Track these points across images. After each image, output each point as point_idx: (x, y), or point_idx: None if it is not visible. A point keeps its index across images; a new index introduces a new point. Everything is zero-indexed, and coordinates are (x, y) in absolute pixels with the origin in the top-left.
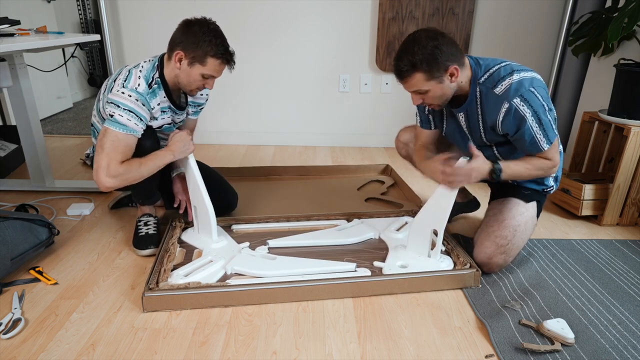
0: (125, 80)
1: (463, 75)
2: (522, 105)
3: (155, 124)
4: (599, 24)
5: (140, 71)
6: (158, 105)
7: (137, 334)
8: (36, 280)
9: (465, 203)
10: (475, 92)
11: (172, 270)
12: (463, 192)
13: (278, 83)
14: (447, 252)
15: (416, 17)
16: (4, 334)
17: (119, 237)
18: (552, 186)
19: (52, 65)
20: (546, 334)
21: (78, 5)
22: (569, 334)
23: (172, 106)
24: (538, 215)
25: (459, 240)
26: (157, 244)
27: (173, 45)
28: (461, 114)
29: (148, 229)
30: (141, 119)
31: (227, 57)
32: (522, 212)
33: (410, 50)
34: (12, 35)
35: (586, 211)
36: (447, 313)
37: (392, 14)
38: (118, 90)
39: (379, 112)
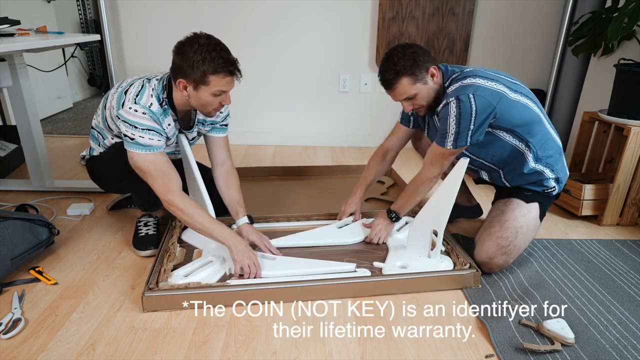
0: (137, 96)
1: (440, 78)
2: (454, 103)
3: (169, 142)
4: (599, 24)
5: (153, 89)
6: (169, 126)
7: (137, 334)
8: (36, 280)
9: (468, 207)
10: (443, 98)
11: (172, 270)
12: (467, 195)
13: (278, 83)
14: (447, 253)
15: (416, 17)
16: (4, 334)
17: (119, 237)
18: (554, 187)
19: (52, 65)
20: (546, 334)
21: (78, 5)
22: (569, 334)
23: (180, 128)
24: (542, 218)
25: (459, 240)
26: (157, 244)
27: (174, 73)
28: (435, 116)
29: (148, 229)
30: (161, 135)
31: (228, 69)
32: (525, 213)
33: (392, 61)
34: (12, 35)
35: (586, 211)
36: (447, 313)
37: (392, 14)
38: (131, 108)
39: (379, 112)
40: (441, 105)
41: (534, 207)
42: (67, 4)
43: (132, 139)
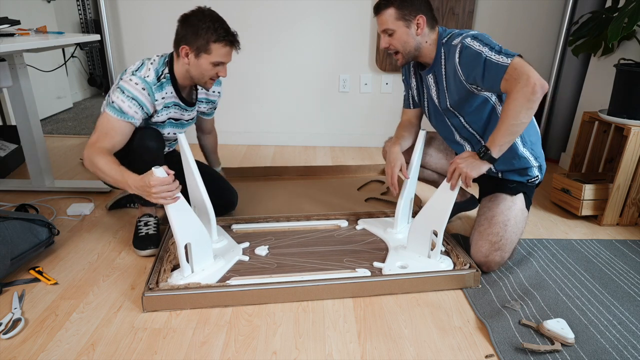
0: (137, 70)
1: (429, 36)
2: (474, 41)
3: (157, 119)
4: (599, 24)
5: (152, 63)
6: (162, 99)
7: (137, 334)
8: (36, 280)
9: (463, 202)
10: (441, 53)
11: (172, 270)
12: (461, 190)
13: (278, 83)
14: (447, 253)
15: None
16: (4, 334)
17: (119, 237)
18: (537, 176)
19: (52, 65)
20: (546, 334)
21: (78, 5)
22: (569, 334)
23: (179, 103)
24: (528, 208)
25: (459, 240)
26: (157, 244)
27: (177, 41)
28: (430, 76)
29: (148, 229)
30: (142, 108)
31: (229, 39)
32: (510, 206)
33: None
34: (12, 35)
35: (586, 211)
36: (447, 313)
37: None
38: (127, 78)
39: (379, 112)
40: (457, 53)
41: (519, 198)
42: (67, 4)
43: (113, 102)
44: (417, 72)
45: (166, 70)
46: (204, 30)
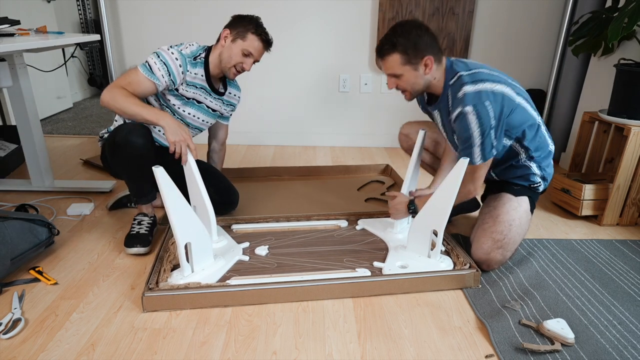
0: (176, 45)
1: (437, 72)
2: (473, 115)
3: (184, 92)
4: (599, 24)
5: (191, 45)
6: (196, 75)
7: (137, 334)
8: (36, 280)
9: (464, 203)
10: (447, 92)
11: (172, 270)
12: None
13: (278, 83)
14: (447, 252)
15: (416, 17)
16: (4, 334)
17: (119, 237)
18: (539, 182)
19: (52, 65)
20: (546, 334)
21: (78, 5)
22: (569, 334)
23: (206, 86)
24: (532, 211)
25: (459, 240)
26: (145, 243)
27: (224, 28)
28: (436, 112)
29: (140, 228)
30: (170, 74)
31: (265, 37)
32: (515, 207)
33: (395, 33)
34: (12, 35)
35: (586, 211)
36: (447, 313)
37: (392, 14)
38: (165, 47)
39: (379, 112)
40: (455, 113)
41: (524, 200)
42: (67, 4)
43: (146, 62)
44: (424, 108)
45: (203, 55)
46: (247, 22)
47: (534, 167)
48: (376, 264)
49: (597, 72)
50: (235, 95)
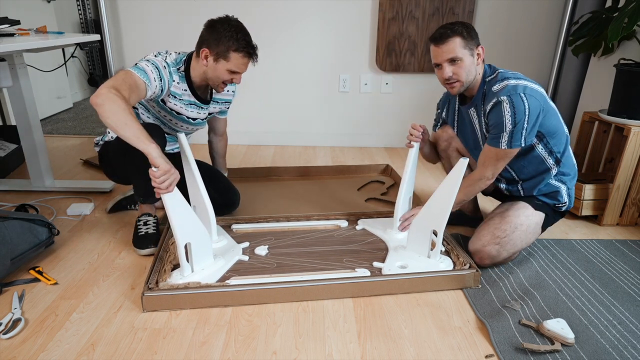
0: (158, 53)
1: (480, 67)
2: (508, 104)
3: (168, 102)
4: (599, 24)
5: (170, 54)
6: (184, 91)
7: (137, 334)
8: (36, 280)
9: (471, 217)
10: (483, 89)
11: (172, 270)
12: (474, 206)
13: (278, 83)
14: (446, 252)
15: (416, 17)
16: (4, 334)
17: (119, 237)
18: (565, 202)
19: (52, 65)
20: (546, 334)
21: (78, 5)
22: (569, 334)
23: (196, 102)
24: (543, 229)
25: (459, 240)
26: (156, 243)
27: (200, 44)
28: (471, 109)
29: (148, 228)
30: (161, 79)
31: (248, 51)
32: (528, 214)
33: (452, 23)
34: (12, 35)
35: (586, 211)
36: (447, 313)
37: (392, 14)
38: (151, 55)
39: (379, 112)
40: (490, 104)
41: (540, 214)
42: (67, 4)
43: (137, 64)
44: (449, 107)
45: (182, 68)
46: (226, 38)
47: (562, 188)
48: (376, 264)
49: (597, 72)
50: (228, 91)
